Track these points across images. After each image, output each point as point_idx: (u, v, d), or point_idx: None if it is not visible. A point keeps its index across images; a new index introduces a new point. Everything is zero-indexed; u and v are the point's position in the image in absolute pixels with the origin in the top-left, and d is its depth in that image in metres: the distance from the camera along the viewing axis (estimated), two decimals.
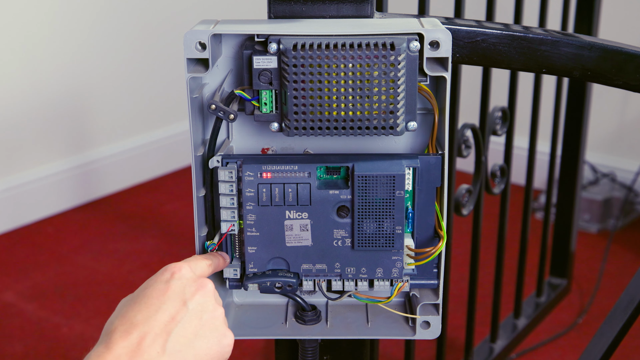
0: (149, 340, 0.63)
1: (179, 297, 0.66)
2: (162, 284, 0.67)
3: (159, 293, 0.66)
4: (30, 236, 2.31)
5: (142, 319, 0.64)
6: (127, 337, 0.63)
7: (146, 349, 0.62)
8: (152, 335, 0.63)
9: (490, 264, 1.70)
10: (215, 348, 0.67)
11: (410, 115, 0.76)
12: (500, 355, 1.61)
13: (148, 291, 0.67)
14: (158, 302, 0.66)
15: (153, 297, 0.66)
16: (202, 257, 0.75)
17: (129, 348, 0.62)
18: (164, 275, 0.68)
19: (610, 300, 1.94)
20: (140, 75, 2.63)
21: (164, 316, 0.65)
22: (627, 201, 2.35)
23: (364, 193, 0.77)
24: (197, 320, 0.66)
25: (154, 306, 0.65)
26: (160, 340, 0.63)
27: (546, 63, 0.82)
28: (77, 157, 2.51)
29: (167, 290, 0.67)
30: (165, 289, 0.67)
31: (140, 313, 0.65)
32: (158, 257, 2.19)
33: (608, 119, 2.48)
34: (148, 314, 0.64)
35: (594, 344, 0.97)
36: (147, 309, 0.65)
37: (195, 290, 0.68)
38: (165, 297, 0.66)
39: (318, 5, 0.79)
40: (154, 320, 0.64)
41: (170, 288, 0.67)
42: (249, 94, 0.77)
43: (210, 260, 0.76)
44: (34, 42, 2.31)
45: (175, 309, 0.66)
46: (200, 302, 0.68)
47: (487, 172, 1.42)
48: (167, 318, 0.65)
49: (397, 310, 0.86)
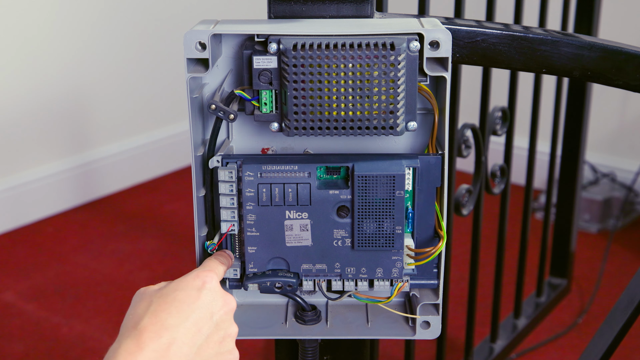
0: (177, 347, 0.65)
1: (208, 309, 0.69)
2: (194, 291, 0.69)
3: (190, 300, 0.68)
4: (30, 236, 2.31)
5: (173, 324, 0.66)
6: (158, 340, 0.64)
7: (173, 356, 0.64)
8: (180, 343, 0.65)
9: (490, 264, 1.70)
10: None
11: (410, 115, 0.76)
12: (500, 355, 1.61)
13: (179, 294, 0.69)
14: (189, 310, 0.68)
15: (184, 303, 0.68)
16: (218, 262, 0.77)
17: (159, 352, 0.64)
18: (195, 282, 0.70)
19: (610, 300, 1.94)
20: (140, 75, 2.63)
21: (193, 326, 0.67)
22: (627, 201, 2.35)
23: (364, 193, 0.77)
24: (217, 337, 0.69)
25: (184, 312, 0.67)
26: (187, 350, 0.66)
27: (546, 63, 0.82)
28: (77, 157, 2.51)
29: (197, 299, 0.69)
30: (196, 297, 0.69)
31: (172, 317, 0.66)
32: (158, 257, 2.19)
33: (608, 119, 2.48)
34: (179, 319, 0.67)
35: (594, 344, 0.97)
36: (177, 314, 0.67)
37: (221, 305, 0.70)
38: (195, 306, 0.68)
39: (318, 5, 0.79)
40: (184, 328, 0.66)
41: (200, 297, 0.69)
42: (249, 94, 0.77)
43: (224, 263, 0.78)
44: (34, 42, 2.31)
45: (203, 321, 0.68)
46: (224, 319, 0.70)
47: (487, 172, 1.42)
48: (195, 328, 0.67)
49: (397, 310, 0.86)
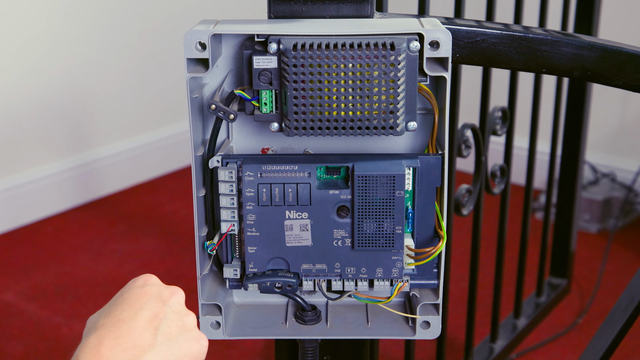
0: (138, 333, 0.64)
1: (158, 299, 0.69)
2: (139, 289, 0.69)
3: (138, 296, 0.68)
4: (30, 236, 2.31)
5: (127, 316, 0.65)
6: (117, 331, 0.64)
7: (137, 341, 0.63)
8: (140, 329, 0.65)
9: (490, 264, 1.70)
10: (196, 347, 0.69)
11: (410, 115, 0.76)
12: (500, 355, 1.61)
13: (126, 295, 0.69)
14: (139, 303, 0.67)
15: (133, 299, 0.68)
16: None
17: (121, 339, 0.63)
18: (136, 282, 0.70)
19: (610, 300, 1.94)
20: (140, 75, 2.63)
21: (148, 313, 0.66)
22: (627, 201, 2.35)
23: (364, 193, 0.77)
24: (177, 320, 0.69)
25: (136, 305, 0.67)
26: (149, 334, 0.65)
27: (546, 63, 0.82)
28: (77, 157, 2.51)
29: (144, 294, 0.69)
30: (142, 293, 0.69)
31: (125, 311, 0.66)
32: (158, 257, 2.19)
33: (608, 119, 2.48)
34: (133, 311, 0.66)
35: (594, 344, 0.97)
36: (130, 308, 0.67)
37: (170, 294, 0.70)
38: (144, 299, 0.68)
39: (318, 5, 0.79)
40: (139, 316, 0.66)
41: (147, 292, 0.69)
42: (249, 94, 0.77)
43: None
44: (34, 42, 2.31)
45: (157, 308, 0.67)
46: (177, 307, 0.70)
47: (487, 172, 1.42)
48: (150, 315, 0.66)
49: (397, 310, 0.86)
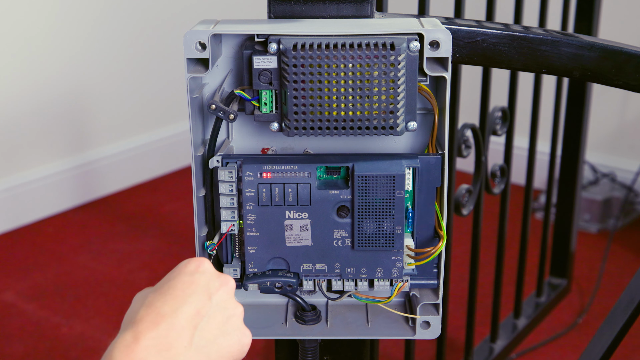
0: (176, 333, 0.62)
1: (204, 291, 0.65)
2: (187, 276, 0.66)
3: (185, 285, 0.65)
4: (30, 236, 2.31)
5: (169, 311, 0.63)
6: (155, 328, 0.61)
7: (173, 342, 0.61)
8: (179, 328, 0.62)
9: (490, 264, 1.70)
10: (236, 346, 0.67)
11: (410, 115, 0.76)
12: (500, 355, 1.61)
13: (172, 283, 0.66)
14: (184, 295, 0.64)
15: (178, 289, 0.65)
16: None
17: (157, 340, 0.60)
18: (187, 268, 0.67)
19: (610, 300, 1.94)
20: (140, 75, 2.63)
21: (190, 309, 0.64)
22: (627, 201, 2.35)
23: (364, 193, 0.77)
24: (220, 317, 0.66)
25: (179, 298, 0.64)
26: (187, 334, 0.62)
27: (546, 63, 0.82)
28: (77, 157, 2.51)
29: (192, 283, 0.65)
30: (190, 282, 0.66)
31: (167, 304, 0.63)
32: (158, 257, 2.19)
33: (608, 119, 2.48)
34: (175, 305, 0.63)
35: (594, 344, 0.97)
36: (173, 301, 0.64)
37: (219, 285, 0.67)
38: (190, 290, 0.65)
39: (318, 5, 0.79)
40: (181, 312, 0.63)
41: (195, 281, 0.66)
42: (249, 94, 0.77)
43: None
44: (34, 42, 2.31)
45: (201, 303, 0.65)
46: (224, 299, 0.67)
47: (487, 172, 1.42)
48: (193, 311, 0.64)
49: (397, 310, 0.86)
